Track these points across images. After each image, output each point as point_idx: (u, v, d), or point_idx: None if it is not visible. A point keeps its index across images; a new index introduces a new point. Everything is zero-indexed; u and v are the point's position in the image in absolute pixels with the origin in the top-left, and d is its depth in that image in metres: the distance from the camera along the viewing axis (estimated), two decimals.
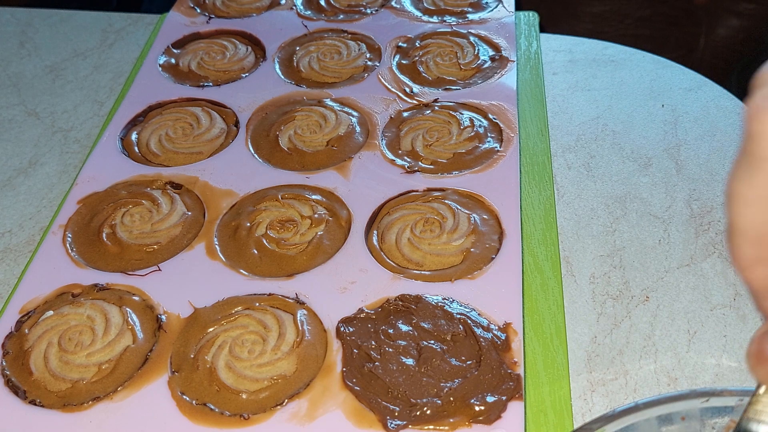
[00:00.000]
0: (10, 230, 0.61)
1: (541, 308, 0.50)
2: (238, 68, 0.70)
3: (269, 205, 0.55)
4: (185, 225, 0.55)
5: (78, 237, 0.55)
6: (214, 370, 0.45)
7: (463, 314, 0.46)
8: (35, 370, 0.46)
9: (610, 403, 0.46)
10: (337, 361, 0.45)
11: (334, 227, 0.54)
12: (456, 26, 0.72)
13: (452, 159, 0.58)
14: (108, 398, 0.44)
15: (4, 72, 0.78)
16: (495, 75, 0.66)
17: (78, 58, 0.79)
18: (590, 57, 0.73)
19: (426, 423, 0.41)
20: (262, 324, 0.47)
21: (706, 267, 0.53)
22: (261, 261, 0.52)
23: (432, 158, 0.58)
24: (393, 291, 0.48)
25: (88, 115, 0.72)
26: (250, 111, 0.64)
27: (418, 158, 0.58)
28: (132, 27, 0.83)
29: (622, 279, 0.53)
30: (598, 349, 0.49)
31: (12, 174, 0.66)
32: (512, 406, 0.42)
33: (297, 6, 0.77)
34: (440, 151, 0.59)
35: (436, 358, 0.44)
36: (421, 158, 0.58)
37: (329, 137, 0.61)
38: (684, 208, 0.58)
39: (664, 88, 0.69)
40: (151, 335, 0.48)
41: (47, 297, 0.50)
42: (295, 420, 0.42)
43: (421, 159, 0.58)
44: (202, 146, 0.61)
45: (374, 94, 0.65)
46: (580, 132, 0.65)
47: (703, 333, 0.49)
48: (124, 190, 0.57)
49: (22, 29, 0.84)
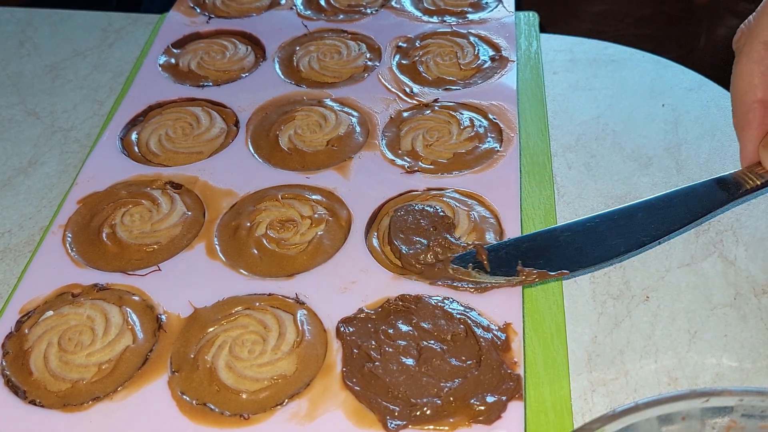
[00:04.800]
0: (10, 230, 0.61)
1: (541, 308, 0.50)
2: (238, 68, 0.70)
3: (269, 205, 0.55)
4: (185, 225, 0.55)
5: (78, 237, 0.55)
6: (214, 370, 0.45)
7: (463, 314, 0.46)
8: (35, 370, 0.46)
9: (611, 403, 0.46)
10: (337, 361, 0.45)
11: (334, 227, 0.54)
12: (456, 26, 0.72)
13: (452, 159, 0.58)
14: (108, 398, 0.44)
15: (4, 72, 0.78)
16: (495, 75, 0.66)
17: (78, 58, 0.79)
18: (590, 57, 0.73)
19: (426, 423, 0.41)
20: (262, 324, 0.47)
21: (707, 267, 0.53)
22: (261, 261, 0.52)
23: (432, 158, 0.58)
24: (393, 291, 0.48)
25: (88, 114, 0.72)
26: (250, 111, 0.64)
27: (418, 158, 0.58)
28: (132, 27, 0.83)
29: (622, 279, 0.53)
30: (598, 348, 0.49)
31: (12, 174, 0.66)
32: (512, 406, 0.42)
33: (297, 6, 0.77)
34: (440, 151, 0.58)
35: (436, 358, 0.44)
36: (421, 158, 0.58)
37: (329, 137, 0.61)
38: None
39: (664, 87, 0.69)
40: (151, 335, 0.48)
41: (47, 297, 0.50)
42: (295, 420, 0.42)
43: (421, 159, 0.58)
44: (202, 146, 0.61)
45: (374, 94, 0.65)
46: (580, 132, 0.65)
47: (703, 333, 0.49)
48: (124, 190, 0.57)
49: (22, 29, 0.84)
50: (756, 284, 0.52)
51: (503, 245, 0.50)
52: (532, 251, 0.49)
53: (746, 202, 0.57)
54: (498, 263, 0.49)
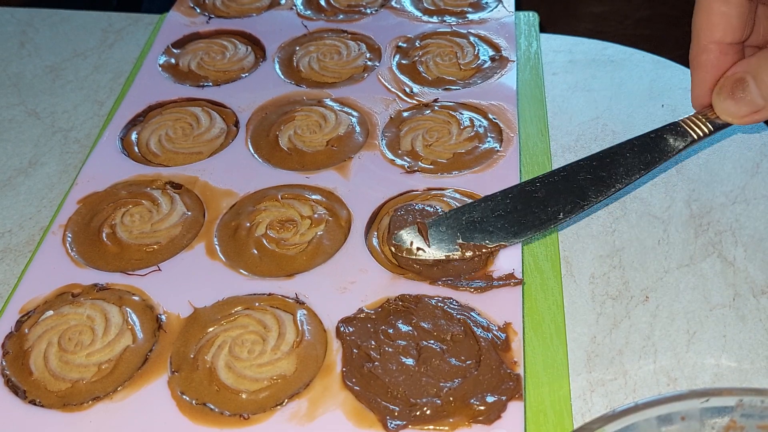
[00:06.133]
0: (10, 230, 0.61)
1: (541, 308, 0.50)
2: (238, 68, 0.70)
3: (269, 205, 0.55)
4: (185, 225, 0.55)
5: (78, 237, 0.55)
6: (214, 370, 0.45)
7: (463, 314, 0.46)
8: (35, 370, 0.46)
9: (610, 403, 0.46)
10: (337, 361, 0.45)
11: (334, 227, 0.54)
12: (456, 26, 0.72)
13: (452, 159, 0.58)
14: (108, 398, 0.44)
15: (4, 72, 0.78)
16: (495, 75, 0.66)
17: (78, 58, 0.79)
18: (590, 57, 0.73)
19: (426, 423, 0.41)
20: (262, 324, 0.47)
21: (706, 267, 0.53)
22: (261, 261, 0.52)
23: (432, 158, 0.58)
24: (393, 291, 0.48)
25: (88, 115, 0.72)
26: (250, 111, 0.64)
27: (418, 158, 0.58)
28: (132, 27, 0.83)
29: (621, 279, 0.53)
30: (597, 349, 0.49)
31: (12, 174, 0.66)
32: (512, 406, 0.42)
33: (297, 6, 0.77)
34: (440, 151, 0.59)
35: (435, 358, 0.44)
36: (421, 158, 0.58)
37: (329, 137, 0.61)
38: (683, 209, 0.58)
39: (664, 88, 0.69)
40: (151, 335, 0.48)
41: (47, 297, 0.50)
42: (295, 420, 0.42)
43: (421, 159, 0.58)
44: (202, 146, 0.61)
45: (374, 94, 0.65)
46: (579, 132, 0.65)
47: (702, 333, 0.49)
48: (124, 190, 0.57)
49: (22, 29, 0.84)
50: (755, 285, 0.52)
51: (443, 219, 0.50)
52: (472, 224, 0.49)
53: (745, 203, 0.58)
54: (439, 238, 0.49)
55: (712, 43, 0.43)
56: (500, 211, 0.49)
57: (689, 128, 0.46)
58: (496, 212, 0.49)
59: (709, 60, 0.44)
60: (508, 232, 0.48)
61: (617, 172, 0.47)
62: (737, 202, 0.58)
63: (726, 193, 0.59)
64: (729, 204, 0.58)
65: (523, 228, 0.48)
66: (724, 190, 0.59)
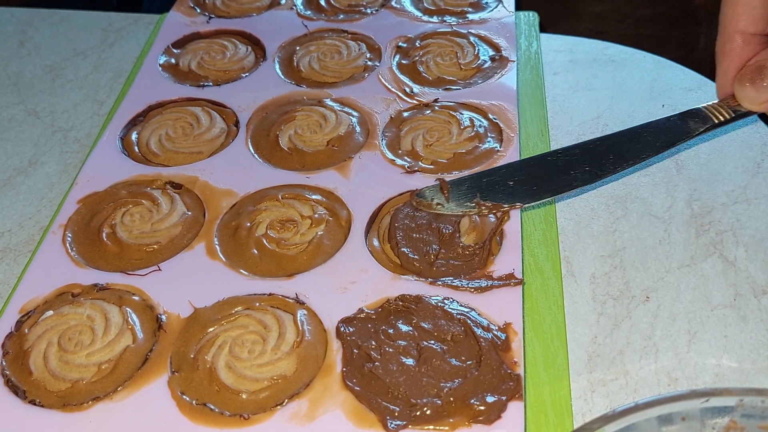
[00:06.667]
0: (10, 230, 0.61)
1: (541, 308, 0.50)
2: (238, 68, 0.70)
3: (269, 205, 0.55)
4: (185, 225, 0.55)
5: (78, 237, 0.55)
6: (214, 370, 0.45)
7: (463, 314, 0.46)
8: (35, 370, 0.46)
9: (611, 403, 0.46)
10: (337, 361, 0.45)
11: (334, 227, 0.54)
12: (456, 26, 0.72)
13: (452, 159, 0.58)
14: (108, 398, 0.44)
15: (4, 71, 0.78)
16: (495, 75, 0.66)
17: (78, 58, 0.79)
18: (591, 57, 0.73)
19: (426, 423, 0.41)
20: (262, 324, 0.47)
21: (707, 267, 0.53)
22: (261, 261, 0.52)
23: (432, 158, 0.58)
24: (393, 291, 0.48)
25: (88, 114, 0.72)
26: (250, 111, 0.64)
27: (418, 158, 0.58)
28: (132, 27, 0.83)
29: (622, 279, 0.53)
30: (598, 349, 0.49)
31: (12, 174, 0.66)
32: (512, 406, 0.42)
33: (297, 6, 0.77)
34: (440, 151, 0.58)
35: (436, 359, 0.44)
36: (421, 158, 0.58)
37: (329, 137, 0.61)
38: (684, 209, 0.58)
39: (664, 88, 0.69)
40: (151, 335, 0.48)
41: (47, 297, 0.50)
42: (295, 420, 0.42)
43: (421, 159, 0.58)
44: (202, 146, 0.61)
45: (374, 94, 0.65)
46: (580, 132, 0.65)
47: (703, 333, 0.49)
48: (124, 190, 0.57)
49: (22, 29, 0.84)
50: (756, 285, 0.52)
51: (465, 179, 0.53)
52: (492, 185, 0.51)
53: (746, 203, 0.57)
54: (458, 196, 0.51)
55: (737, 33, 0.45)
56: (521, 176, 0.51)
57: (711, 114, 0.48)
58: (516, 177, 0.51)
59: (733, 49, 0.46)
60: (525, 194, 0.50)
61: (636, 149, 0.49)
62: (738, 202, 0.58)
63: (727, 193, 0.59)
64: (730, 204, 0.58)
65: (540, 192, 0.50)
66: (726, 189, 0.59)
